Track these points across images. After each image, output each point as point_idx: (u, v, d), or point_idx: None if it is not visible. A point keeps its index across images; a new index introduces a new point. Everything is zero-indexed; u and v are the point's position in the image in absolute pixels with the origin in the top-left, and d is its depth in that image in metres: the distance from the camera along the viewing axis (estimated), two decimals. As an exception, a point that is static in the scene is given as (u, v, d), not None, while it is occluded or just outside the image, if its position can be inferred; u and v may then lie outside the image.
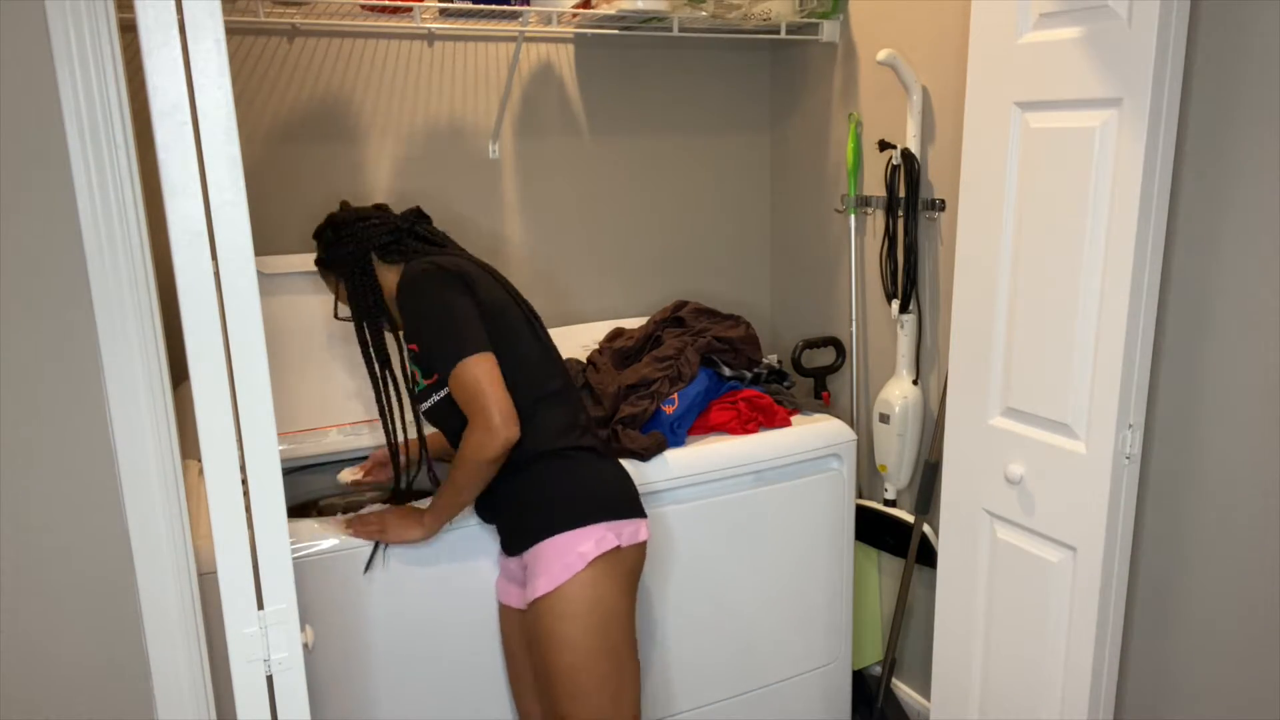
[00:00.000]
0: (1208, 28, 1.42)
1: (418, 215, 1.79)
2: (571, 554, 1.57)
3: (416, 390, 1.69)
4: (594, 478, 1.65)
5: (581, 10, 2.15)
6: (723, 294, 2.73)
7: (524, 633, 1.73)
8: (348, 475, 1.92)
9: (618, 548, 1.60)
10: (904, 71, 2.12)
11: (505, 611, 1.79)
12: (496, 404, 1.53)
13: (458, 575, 1.77)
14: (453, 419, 1.63)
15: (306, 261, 2.07)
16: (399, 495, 1.84)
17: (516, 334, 1.65)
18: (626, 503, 1.66)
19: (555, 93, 2.42)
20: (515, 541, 1.67)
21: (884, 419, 2.26)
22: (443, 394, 1.63)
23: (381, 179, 2.26)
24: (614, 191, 2.55)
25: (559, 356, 1.74)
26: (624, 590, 1.62)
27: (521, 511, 1.64)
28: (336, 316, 1.80)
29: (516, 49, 2.22)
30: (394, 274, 1.70)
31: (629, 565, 1.63)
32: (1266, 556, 1.44)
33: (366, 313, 1.70)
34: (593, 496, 1.62)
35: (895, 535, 2.30)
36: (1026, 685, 1.72)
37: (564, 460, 1.63)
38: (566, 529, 1.58)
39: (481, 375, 1.54)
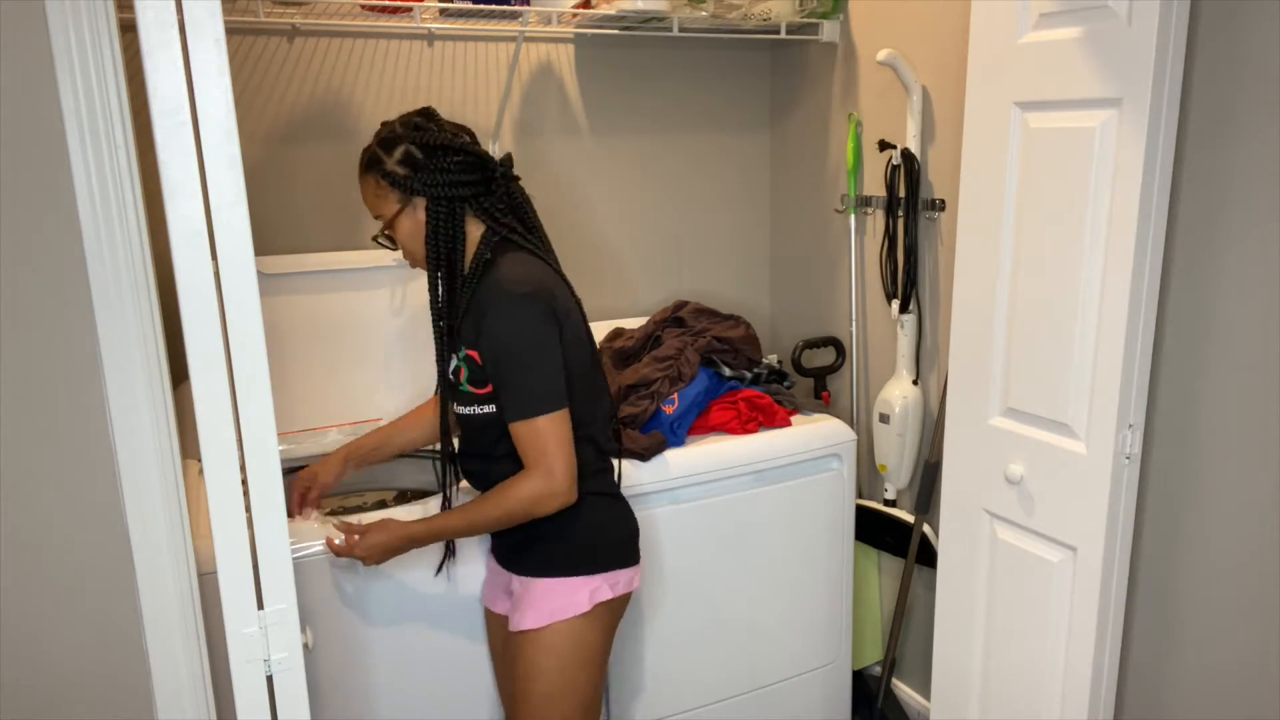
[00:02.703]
0: (1208, 27, 1.42)
1: (509, 161, 1.60)
2: (564, 600, 1.55)
3: (458, 389, 1.56)
4: (602, 527, 1.60)
5: (581, 10, 2.15)
6: (723, 294, 2.73)
7: (505, 647, 1.72)
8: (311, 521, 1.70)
9: (610, 599, 1.59)
10: (904, 71, 2.12)
11: (491, 617, 1.78)
12: (565, 465, 1.47)
13: (458, 575, 1.77)
14: (490, 434, 1.55)
15: (306, 261, 2.07)
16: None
17: (577, 375, 1.54)
18: (627, 551, 1.63)
19: (555, 93, 2.42)
20: (511, 561, 1.65)
21: (884, 419, 2.26)
22: (488, 409, 1.53)
23: (381, 179, 2.25)
24: (614, 191, 2.55)
25: (605, 388, 1.66)
26: (607, 633, 1.62)
27: (525, 540, 1.60)
28: (375, 239, 1.61)
29: (516, 49, 2.22)
30: (475, 229, 1.55)
31: (616, 612, 1.63)
32: (1266, 556, 1.44)
33: (441, 262, 1.53)
34: (596, 547, 1.59)
35: (895, 535, 2.30)
36: (1026, 685, 1.72)
37: (578, 505, 1.54)
38: (564, 575, 1.56)
39: (554, 434, 1.46)
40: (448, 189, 1.50)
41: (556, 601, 1.55)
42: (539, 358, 1.46)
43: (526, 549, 1.60)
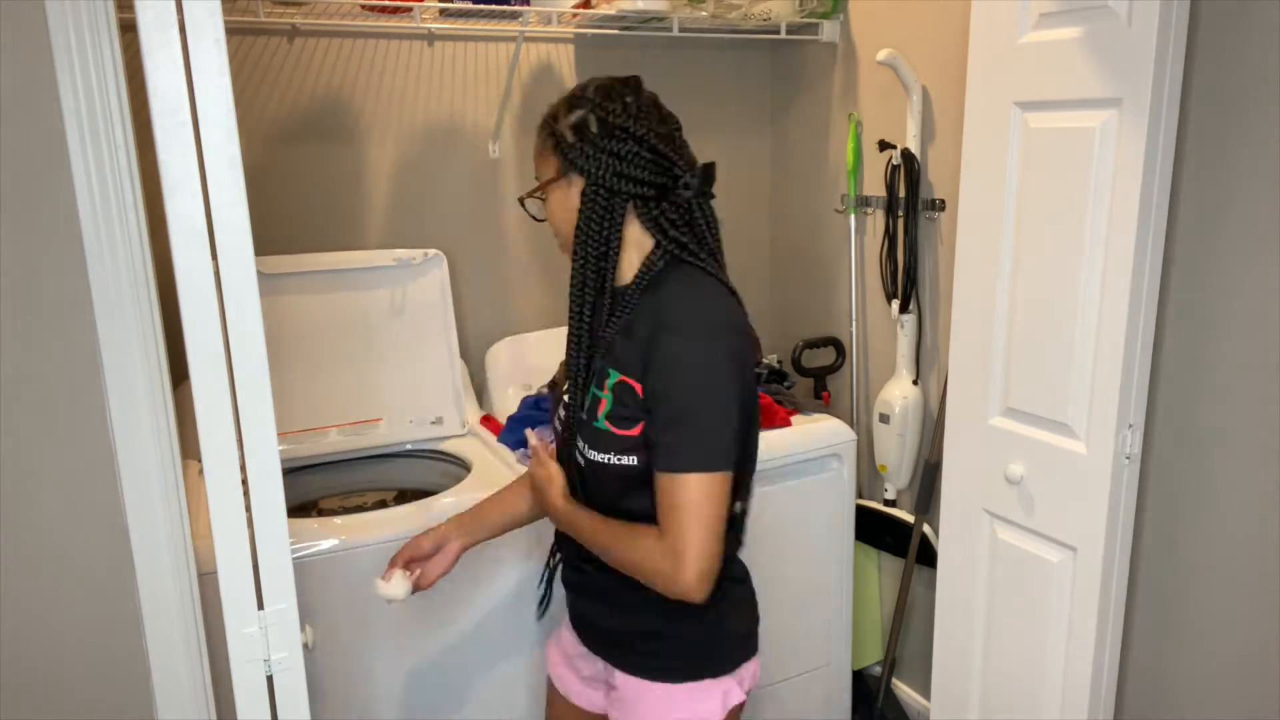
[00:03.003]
0: (1208, 28, 1.42)
1: (707, 179, 1.31)
2: (692, 710, 1.27)
3: (592, 426, 1.26)
4: (736, 614, 1.34)
5: (581, 10, 2.15)
6: (723, 294, 2.73)
7: None
8: (397, 587, 1.41)
9: (742, 701, 1.31)
10: (904, 71, 2.12)
11: (558, 700, 1.51)
12: (701, 553, 1.15)
13: (459, 574, 1.77)
14: (610, 488, 1.27)
15: (306, 261, 2.07)
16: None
17: (743, 435, 1.28)
18: (752, 640, 1.36)
19: (555, 93, 2.39)
20: (612, 653, 1.36)
21: (884, 419, 2.26)
22: (629, 461, 1.23)
23: (382, 179, 2.26)
24: (614, 191, 2.55)
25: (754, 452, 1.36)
26: None
27: (635, 635, 1.32)
28: (521, 200, 1.42)
29: (516, 49, 2.22)
30: (643, 236, 1.28)
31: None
32: (1267, 556, 1.44)
33: (590, 263, 1.26)
34: (729, 639, 1.31)
35: (895, 535, 2.30)
36: (1026, 685, 1.72)
37: (715, 593, 1.21)
38: (690, 680, 1.28)
39: (702, 504, 1.16)
40: (610, 179, 1.24)
41: (683, 712, 1.28)
42: (716, 404, 1.18)
43: (632, 641, 1.32)
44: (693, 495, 1.16)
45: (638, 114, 1.27)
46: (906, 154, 2.15)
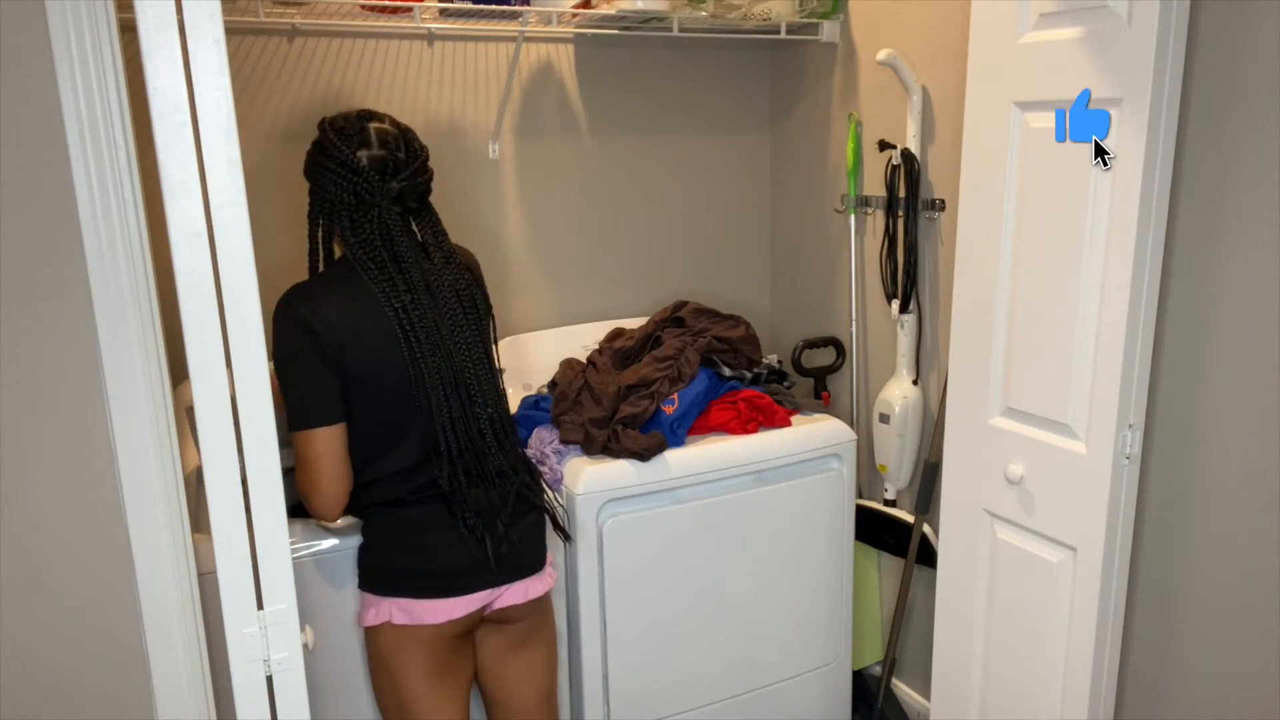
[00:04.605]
0: (1208, 28, 1.42)
1: (408, 192, 1.52)
2: (361, 611, 1.62)
3: None
4: (393, 549, 1.56)
5: (581, 10, 2.15)
6: (723, 294, 2.73)
7: None
8: None
9: (404, 625, 1.54)
10: (904, 71, 2.12)
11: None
12: (321, 488, 1.48)
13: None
14: None
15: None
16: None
17: (363, 414, 1.51)
18: (428, 583, 1.54)
19: (555, 93, 2.42)
20: None
21: (884, 419, 2.26)
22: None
23: (381, 179, 2.25)
24: (614, 191, 2.55)
25: (416, 436, 1.54)
26: (416, 662, 1.56)
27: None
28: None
29: (516, 49, 2.22)
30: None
31: (426, 640, 1.55)
32: (1266, 556, 1.44)
33: (309, 255, 1.57)
34: (383, 569, 1.57)
35: (895, 535, 2.30)
36: (1026, 685, 1.72)
37: (370, 522, 1.58)
38: (360, 587, 1.62)
39: (311, 454, 1.47)
40: (317, 191, 1.52)
41: (361, 609, 1.63)
42: (292, 369, 1.47)
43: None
44: (300, 451, 1.48)
45: (348, 139, 1.49)
46: (906, 154, 2.16)
